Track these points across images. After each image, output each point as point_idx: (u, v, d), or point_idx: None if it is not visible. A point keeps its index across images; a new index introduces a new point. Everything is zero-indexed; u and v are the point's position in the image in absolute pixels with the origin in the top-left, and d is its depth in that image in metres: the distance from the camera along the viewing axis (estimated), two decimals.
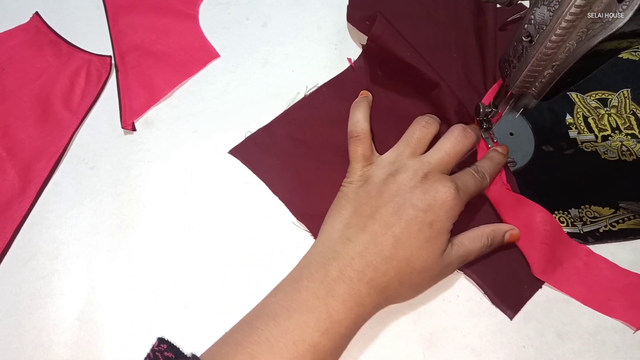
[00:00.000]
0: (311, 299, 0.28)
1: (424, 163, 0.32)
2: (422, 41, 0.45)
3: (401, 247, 0.29)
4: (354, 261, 0.29)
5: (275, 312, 0.28)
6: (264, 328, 0.27)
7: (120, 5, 0.51)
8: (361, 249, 0.29)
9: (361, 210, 0.31)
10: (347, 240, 0.30)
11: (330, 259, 0.29)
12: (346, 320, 0.28)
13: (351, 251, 0.29)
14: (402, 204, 0.30)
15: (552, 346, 0.32)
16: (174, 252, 0.37)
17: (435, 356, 0.32)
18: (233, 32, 0.49)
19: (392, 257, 0.29)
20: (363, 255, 0.29)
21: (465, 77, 0.44)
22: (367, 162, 0.34)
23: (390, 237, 0.29)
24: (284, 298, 0.29)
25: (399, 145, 0.35)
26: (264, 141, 0.42)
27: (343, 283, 0.28)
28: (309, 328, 0.27)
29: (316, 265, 0.29)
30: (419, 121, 0.35)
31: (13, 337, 0.33)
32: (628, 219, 0.36)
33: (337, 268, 0.29)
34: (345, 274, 0.28)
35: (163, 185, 0.40)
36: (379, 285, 0.29)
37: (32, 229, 0.38)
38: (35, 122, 0.43)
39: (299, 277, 0.29)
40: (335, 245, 0.30)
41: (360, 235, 0.30)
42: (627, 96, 0.43)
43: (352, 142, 0.35)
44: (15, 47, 0.48)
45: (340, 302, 0.28)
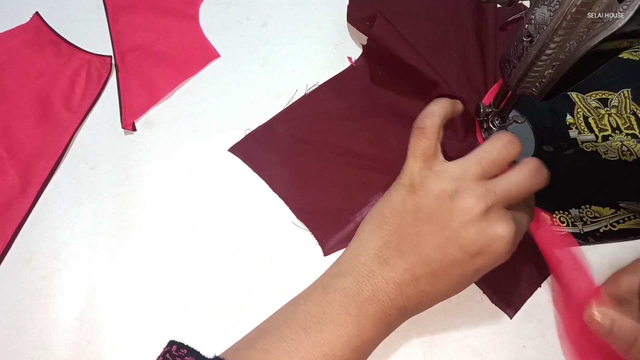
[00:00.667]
0: (343, 315, 0.27)
1: (489, 192, 0.27)
2: (422, 40, 0.45)
3: (439, 285, 0.28)
4: (388, 286, 0.27)
5: (307, 323, 0.27)
6: (295, 338, 0.26)
7: (120, 5, 0.51)
8: (397, 275, 0.27)
9: (404, 230, 0.28)
10: (384, 262, 0.28)
11: (365, 277, 0.28)
12: (374, 341, 0.28)
13: (386, 275, 0.27)
14: (449, 239, 0.27)
15: (552, 346, 0.32)
16: (174, 252, 0.37)
17: (435, 356, 0.32)
18: (233, 32, 0.49)
19: (428, 292, 0.28)
20: (398, 283, 0.27)
21: (466, 76, 0.45)
22: (427, 164, 0.29)
23: (428, 272, 0.27)
24: (315, 308, 0.27)
25: (469, 159, 0.28)
26: (264, 139, 0.42)
27: (375, 305, 0.27)
28: (340, 343, 0.26)
29: (350, 280, 0.28)
30: (501, 138, 0.29)
31: (13, 337, 0.33)
32: (628, 219, 0.36)
33: (370, 289, 0.27)
34: (378, 297, 0.27)
35: (163, 185, 0.40)
36: (409, 311, 0.29)
37: (32, 229, 0.38)
38: (35, 122, 0.43)
39: (331, 288, 0.28)
40: (370, 262, 0.28)
41: (399, 262, 0.28)
42: (628, 96, 0.43)
43: (416, 134, 0.30)
44: (16, 47, 0.48)
45: (371, 322, 0.27)
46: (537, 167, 0.28)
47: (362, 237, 0.30)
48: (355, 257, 0.29)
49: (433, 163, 0.29)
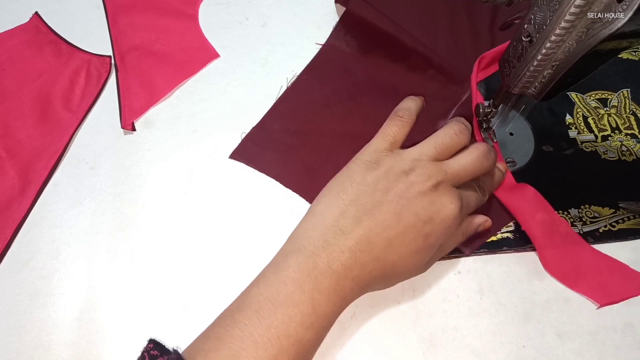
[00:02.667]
0: (297, 293, 0.27)
1: (440, 170, 0.31)
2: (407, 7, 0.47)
3: (391, 250, 0.29)
4: (343, 255, 0.28)
5: (259, 305, 0.27)
6: (248, 322, 0.26)
7: (120, 5, 0.51)
8: (353, 244, 0.28)
9: (362, 200, 0.30)
10: (340, 232, 0.29)
11: (320, 249, 0.28)
12: (330, 314, 0.28)
13: (342, 244, 0.28)
14: (405, 207, 0.29)
15: (552, 346, 0.32)
16: (173, 252, 0.37)
17: (435, 356, 0.32)
18: (233, 32, 0.49)
19: (380, 258, 0.29)
20: (353, 251, 0.28)
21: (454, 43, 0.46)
22: (390, 147, 0.32)
23: (384, 238, 0.29)
24: (267, 289, 0.27)
25: (424, 144, 0.32)
26: (261, 139, 0.42)
27: (330, 277, 0.28)
28: (294, 323, 0.26)
29: (304, 255, 0.28)
30: (452, 127, 0.33)
31: (13, 337, 0.33)
32: (628, 219, 0.36)
33: (325, 261, 0.28)
34: (332, 268, 0.28)
35: (163, 185, 0.40)
36: (363, 282, 0.29)
37: (32, 229, 0.38)
38: (35, 122, 0.43)
39: (284, 266, 0.28)
40: (326, 233, 0.29)
41: (355, 229, 0.29)
42: (627, 96, 0.43)
43: (392, 119, 0.33)
44: (15, 47, 0.48)
45: (326, 296, 0.27)
46: (485, 152, 0.32)
47: (317, 211, 0.31)
48: (310, 230, 0.30)
49: (394, 148, 0.32)
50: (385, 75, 0.45)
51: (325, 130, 0.42)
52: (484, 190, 0.34)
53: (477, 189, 0.34)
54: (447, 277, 0.35)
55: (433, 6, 0.48)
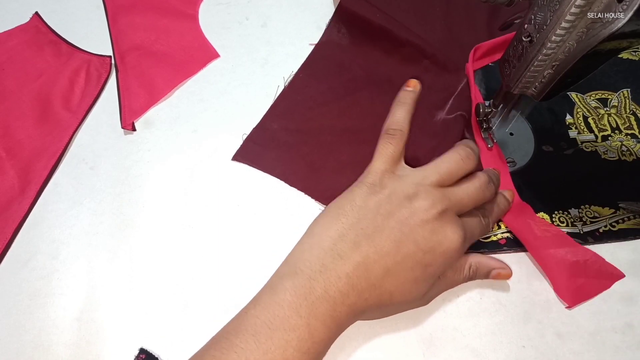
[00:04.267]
0: (294, 317, 0.27)
1: (444, 197, 0.30)
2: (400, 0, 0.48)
3: (389, 279, 0.28)
4: (340, 281, 0.28)
5: (256, 329, 0.26)
6: (244, 346, 0.26)
7: (120, 5, 0.51)
8: (350, 269, 0.28)
9: (363, 224, 0.29)
10: (337, 256, 0.28)
11: (317, 273, 0.28)
12: (325, 340, 0.28)
13: (339, 269, 0.28)
14: (406, 235, 0.29)
15: (552, 346, 0.32)
16: (173, 252, 0.37)
17: (435, 356, 0.32)
18: (233, 32, 0.49)
19: (377, 286, 0.28)
20: (350, 277, 0.28)
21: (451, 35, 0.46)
22: (392, 167, 0.31)
23: (381, 265, 0.28)
24: (264, 312, 0.27)
25: (429, 167, 0.32)
26: (262, 139, 0.42)
27: (326, 303, 0.27)
28: (291, 348, 0.26)
29: (301, 278, 0.28)
30: (458, 152, 0.32)
31: (13, 337, 0.33)
32: (628, 219, 0.36)
33: (322, 286, 0.27)
34: (329, 294, 0.27)
35: (163, 185, 0.40)
36: (359, 309, 0.28)
37: (32, 229, 0.38)
38: (35, 122, 0.43)
39: (280, 289, 0.28)
40: (324, 257, 0.28)
41: (353, 255, 0.28)
42: (627, 96, 0.43)
43: (385, 138, 0.32)
44: (15, 47, 0.48)
45: (322, 321, 0.27)
46: (487, 181, 0.32)
47: (315, 232, 0.30)
48: (307, 252, 0.29)
49: (397, 167, 0.32)
50: (381, 68, 0.45)
51: (324, 126, 0.42)
52: (488, 221, 0.33)
53: (482, 217, 0.33)
54: None
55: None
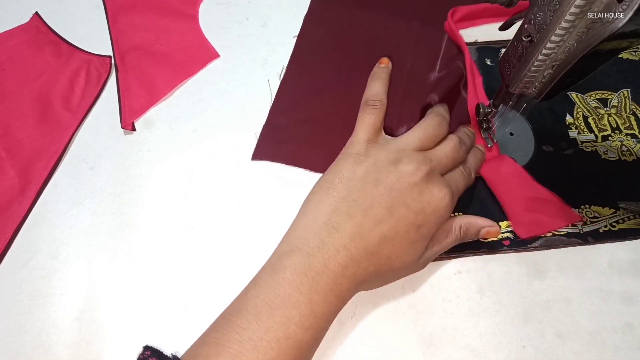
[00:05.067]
0: (294, 294, 0.27)
1: (426, 159, 0.32)
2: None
3: (386, 245, 0.29)
4: (339, 254, 0.28)
5: (257, 309, 0.26)
6: (246, 326, 0.26)
7: (120, 5, 0.51)
8: (347, 241, 0.28)
9: (353, 196, 0.30)
10: (333, 230, 0.29)
11: (315, 249, 0.28)
12: (328, 314, 0.28)
13: (337, 242, 0.28)
14: (396, 199, 0.30)
15: (552, 346, 0.32)
16: (173, 252, 0.37)
17: (435, 356, 0.32)
18: (233, 32, 0.49)
19: (375, 254, 0.29)
20: (348, 249, 0.28)
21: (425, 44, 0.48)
22: (374, 137, 0.33)
23: (377, 233, 0.29)
24: (264, 292, 0.27)
25: (409, 135, 0.34)
26: (275, 135, 0.42)
27: (327, 277, 0.28)
28: (293, 325, 0.26)
29: (299, 255, 0.28)
30: (432, 119, 0.34)
31: (13, 337, 0.33)
32: (628, 219, 0.36)
33: (321, 261, 0.28)
34: (329, 268, 0.28)
35: (163, 185, 0.40)
36: (359, 279, 0.29)
37: (32, 229, 0.38)
38: (35, 122, 0.43)
39: (280, 268, 0.28)
40: (320, 232, 0.29)
41: (347, 226, 0.29)
42: (627, 96, 0.43)
43: (365, 109, 0.34)
44: (15, 47, 0.48)
45: (323, 296, 0.27)
46: (459, 141, 0.35)
47: (308, 210, 0.31)
48: (302, 230, 0.30)
49: (379, 136, 0.33)
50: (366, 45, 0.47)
51: (330, 112, 0.43)
52: (469, 171, 0.35)
53: (463, 170, 0.34)
54: (447, 277, 0.35)
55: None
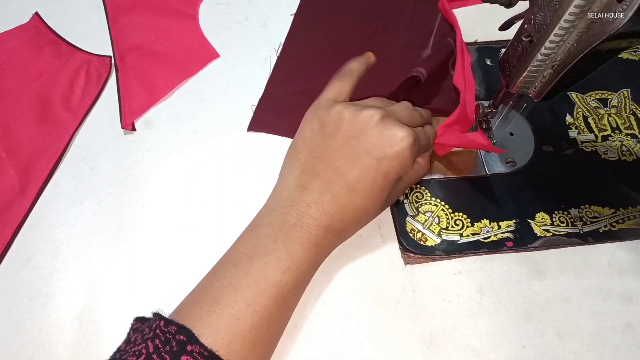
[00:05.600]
0: (271, 244, 0.29)
1: (382, 109, 0.32)
2: None
3: (357, 195, 0.30)
4: (310, 209, 0.30)
5: (237, 259, 0.29)
6: (226, 274, 0.28)
7: (120, 5, 0.51)
8: (317, 196, 0.30)
9: (316, 152, 0.31)
10: (303, 188, 0.30)
11: (288, 207, 0.30)
12: (307, 259, 0.29)
13: (307, 199, 0.30)
14: (356, 148, 0.30)
15: (552, 346, 0.32)
16: (173, 252, 0.37)
17: (435, 356, 0.32)
18: (233, 32, 0.49)
19: (348, 205, 0.30)
20: (319, 203, 0.30)
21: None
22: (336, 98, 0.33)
23: (344, 185, 0.30)
24: (244, 246, 0.30)
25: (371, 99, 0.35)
26: (272, 107, 0.43)
27: (301, 228, 0.29)
28: (270, 267, 0.28)
29: (275, 214, 0.30)
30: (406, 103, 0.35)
31: (13, 337, 0.33)
32: (628, 219, 0.36)
33: (294, 216, 0.29)
34: (302, 221, 0.29)
35: (163, 185, 0.40)
36: (336, 229, 0.30)
37: (32, 229, 0.38)
38: (35, 122, 0.43)
39: (258, 225, 0.30)
40: (292, 192, 0.31)
41: (315, 182, 0.30)
42: (627, 96, 0.43)
43: (336, 77, 0.35)
44: (15, 47, 0.48)
45: (299, 244, 0.29)
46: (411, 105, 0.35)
47: (282, 176, 0.33)
48: (278, 194, 0.32)
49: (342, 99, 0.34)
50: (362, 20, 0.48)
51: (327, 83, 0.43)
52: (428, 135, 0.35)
53: (424, 131, 0.34)
54: (447, 277, 0.35)
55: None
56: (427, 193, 0.38)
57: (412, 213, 0.37)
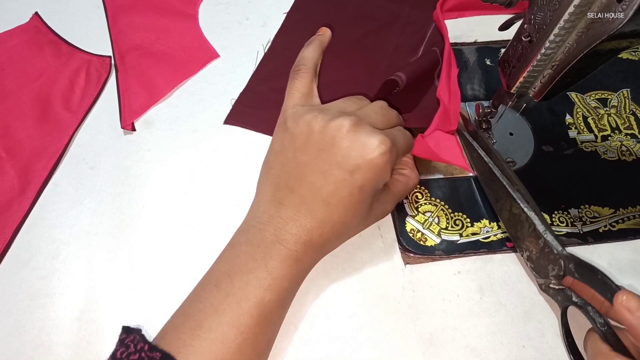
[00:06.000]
0: (250, 262, 0.28)
1: (352, 114, 0.30)
2: None
3: (334, 210, 0.29)
4: (287, 225, 0.29)
5: (218, 279, 0.28)
6: (208, 295, 0.28)
7: (120, 5, 0.51)
8: (293, 212, 0.29)
9: (288, 167, 0.30)
10: (279, 204, 0.29)
11: (265, 224, 0.29)
12: (287, 276, 0.29)
13: (284, 215, 0.29)
14: (327, 161, 0.28)
15: (552, 346, 0.32)
16: (173, 252, 0.37)
17: (435, 356, 0.32)
18: (233, 32, 0.49)
19: (325, 221, 0.29)
20: (296, 219, 0.29)
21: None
22: (301, 101, 0.31)
23: (320, 200, 0.28)
24: (223, 264, 0.29)
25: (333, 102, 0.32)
26: (252, 101, 0.44)
27: (280, 245, 0.28)
28: (251, 286, 0.27)
29: (253, 231, 0.29)
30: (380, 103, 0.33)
31: (13, 337, 0.33)
32: (628, 219, 0.37)
33: (272, 232, 0.29)
34: (281, 237, 0.28)
35: (163, 185, 0.40)
36: (316, 244, 0.29)
37: (32, 229, 0.38)
38: (35, 122, 0.43)
39: (237, 243, 0.30)
40: (268, 208, 0.30)
41: (290, 198, 0.29)
42: (627, 96, 0.43)
43: (291, 76, 0.33)
44: (15, 47, 0.48)
45: (279, 261, 0.28)
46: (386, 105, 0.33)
47: (257, 190, 0.32)
48: (255, 210, 0.31)
49: (307, 100, 0.32)
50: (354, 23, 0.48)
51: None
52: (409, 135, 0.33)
53: (401, 129, 0.32)
54: (447, 277, 0.35)
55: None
56: (427, 193, 0.38)
57: (411, 213, 0.37)
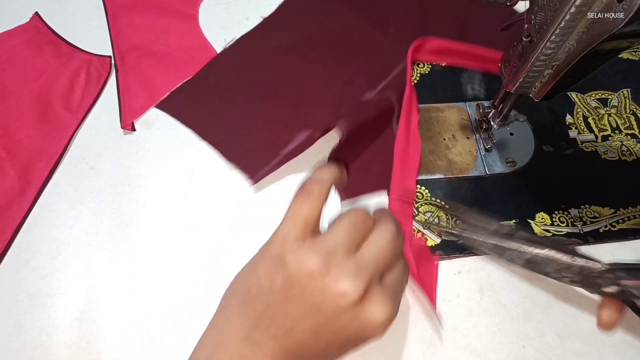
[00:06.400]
0: None
1: (360, 268, 0.24)
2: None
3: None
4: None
5: None
6: None
7: (120, 5, 0.51)
8: (271, 359, 0.25)
9: (274, 311, 0.25)
10: (254, 346, 0.25)
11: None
12: None
13: (261, 358, 0.25)
14: (324, 324, 0.24)
15: (552, 346, 0.32)
16: (173, 252, 0.37)
17: (435, 356, 0.32)
18: (233, 32, 0.49)
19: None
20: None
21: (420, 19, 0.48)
22: (302, 235, 0.26)
23: (305, 355, 0.25)
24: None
25: (338, 230, 0.26)
26: (191, 93, 0.44)
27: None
28: None
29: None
30: (359, 211, 0.26)
31: (13, 337, 0.33)
32: (628, 219, 0.36)
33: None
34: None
35: (163, 185, 0.40)
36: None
37: (32, 229, 0.38)
38: (35, 122, 0.43)
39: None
40: (241, 347, 0.25)
41: (270, 345, 0.25)
42: (627, 96, 0.43)
43: (300, 196, 0.26)
44: (15, 47, 0.48)
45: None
46: (396, 230, 0.26)
47: (227, 315, 0.27)
48: (221, 337, 0.26)
49: (308, 233, 0.26)
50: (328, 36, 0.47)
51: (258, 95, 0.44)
52: (406, 260, 0.28)
53: (404, 269, 0.27)
54: (447, 277, 0.35)
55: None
56: (427, 193, 0.38)
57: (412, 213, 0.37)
